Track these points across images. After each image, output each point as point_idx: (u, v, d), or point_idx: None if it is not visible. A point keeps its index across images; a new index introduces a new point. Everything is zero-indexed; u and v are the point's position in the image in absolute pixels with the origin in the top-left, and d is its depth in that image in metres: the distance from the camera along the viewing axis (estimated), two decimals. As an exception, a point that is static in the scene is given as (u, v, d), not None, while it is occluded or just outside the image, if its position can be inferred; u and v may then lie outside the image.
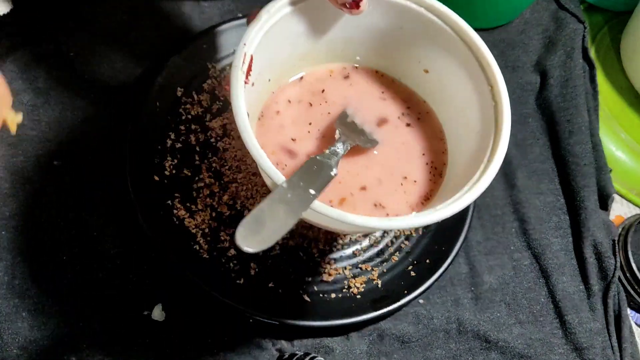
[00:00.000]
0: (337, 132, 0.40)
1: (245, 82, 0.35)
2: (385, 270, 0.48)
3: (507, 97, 0.37)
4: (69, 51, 0.52)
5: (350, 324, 0.44)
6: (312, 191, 0.29)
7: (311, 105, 0.43)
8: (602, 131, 0.59)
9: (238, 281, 0.45)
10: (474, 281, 0.50)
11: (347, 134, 0.40)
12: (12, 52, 0.51)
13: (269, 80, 0.41)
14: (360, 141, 0.40)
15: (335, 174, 0.34)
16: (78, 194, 0.47)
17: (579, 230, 0.53)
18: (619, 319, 0.51)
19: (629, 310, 0.52)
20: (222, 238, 0.47)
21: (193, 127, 0.50)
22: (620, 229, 0.55)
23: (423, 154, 0.42)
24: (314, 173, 0.32)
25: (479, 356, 0.47)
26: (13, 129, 0.22)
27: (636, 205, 0.59)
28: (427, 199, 0.40)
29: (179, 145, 0.49)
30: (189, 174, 0.48)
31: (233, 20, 0.53)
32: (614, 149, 0.60)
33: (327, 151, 0.36)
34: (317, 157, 0.34)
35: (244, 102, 0.34)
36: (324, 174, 0.33)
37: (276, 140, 0.41)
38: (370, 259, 0.48)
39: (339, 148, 0.38)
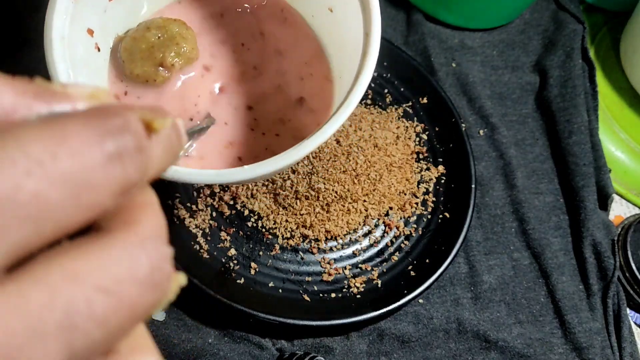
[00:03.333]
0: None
1: None
2: (385, 270, 0.48)
3: (376, 53, 0.33)
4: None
5: (350, 323, 0.44)
6: None
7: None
8: (602, 131, 0.59)
9: (238, 281, 0.45)
10: (474, 281, 0.50)
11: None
12: (14, 53, 0.51)
13: None
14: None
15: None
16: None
17: (579, 230, 0.53)
18: (618, 318, 0.51)
19: (628, 310, 0.53)
20: (223, 238, 0.47)
21: (193, 127, 0.50)
22: (619, 229, 0.55)
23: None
24: None
25: (478, 356, 0.48)
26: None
27: (636, 205, 0.59)
28: None
29: (179, 145, 0.49)
30: (189, 174, 0.48)
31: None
32: (613, 149, 0.60)
33: None
34: None
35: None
36: None
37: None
38: (370, 259, 0.48)
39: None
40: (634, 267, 0.52)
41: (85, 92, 0.15)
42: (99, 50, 0.35)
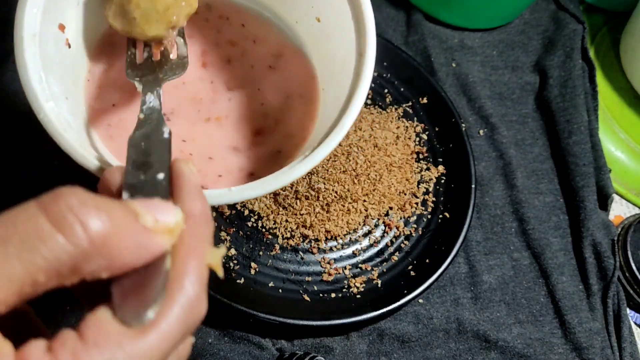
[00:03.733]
0: (135, 83, 0.32)
1: None
2: (385, 270, 0.48)
3: (370, 75, 0.32)
4: (70, 51, 0.52)
5: (350, 323, 0.44)
6: (160, 175, 0.23)
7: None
8: (602, 131, 0.59)
9: (238, 281, 0.45)
10: (474, 281, 0.50)
11: (149, 75, 0.32)
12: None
13: None
14: (170, 72, 0.32)
15: (170, 133, 0.26)
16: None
17: (579, 230, 0.53)
18: (618, 318, 0.51)
19: (628, 310, 0.53)
20: (223, 238, 0.47)
21: (193, 127, 0.50)
22: (619, 229, 0.55)
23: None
24: (145, 151, 0.24)
25: (478, 356, 0.48)
26: (220, 271, 0.20)
27: (635, 205, 0.59)
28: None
29: (179, 145, 0.49)
30: (189, 174, 0.48)
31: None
32: (613, 149, 0.60)
33: (141, 115, 0.28)
34: (137, 133, 0.26)
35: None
36: (157, 143, 0.25)
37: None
38: (370, 259, 0.48)
39: (151, 100, 0.29)
40: (634, 267, 0.52)
41: (167, 227, 0.18)
42: (69, 46, 0.33)
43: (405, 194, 0.51)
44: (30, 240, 0.15)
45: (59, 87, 0.31)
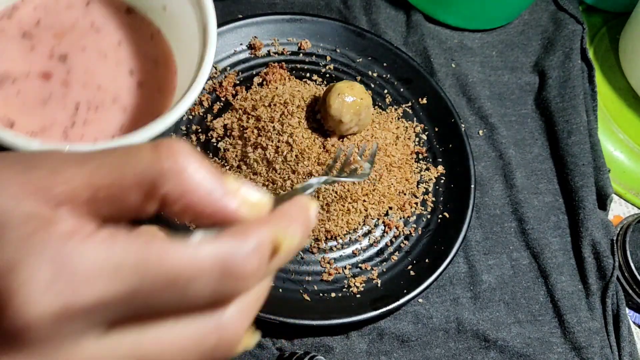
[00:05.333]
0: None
1: None
2: (384, 270, 0.48)
3: (214, 42, 0.38)
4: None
5: (350, 323, 0.44)
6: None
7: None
8: (601, 131, 0.60)
9: (238, 280, 0.45)
10: (473, 280, 0.50)
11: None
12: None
13: None
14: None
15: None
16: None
17: (578, 230, 0.53)
18: (617, 318, 0.51)
19: (627, 310, 0.53)
20: (223, 238, 0.47)
21: (194, 127, 0.50)
22: (618, 229, 0.55)
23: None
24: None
25: (478, 355, 0.48)
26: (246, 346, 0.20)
27: (634, 205, 0.59)
28: None
29: (179, 145, 0.49)
30: (190, 174, 0.48)
31: (233, 21, 0.54)
32: (612, 149, 0.60)
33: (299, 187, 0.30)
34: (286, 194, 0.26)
35: None
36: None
37: None
38: (370, 259, 0.49)
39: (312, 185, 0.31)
40: (633, 267, 0.52)
41: (248, 199, 0.18)
42: None
43: (404, 194, 0.51)
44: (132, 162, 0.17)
45: None
